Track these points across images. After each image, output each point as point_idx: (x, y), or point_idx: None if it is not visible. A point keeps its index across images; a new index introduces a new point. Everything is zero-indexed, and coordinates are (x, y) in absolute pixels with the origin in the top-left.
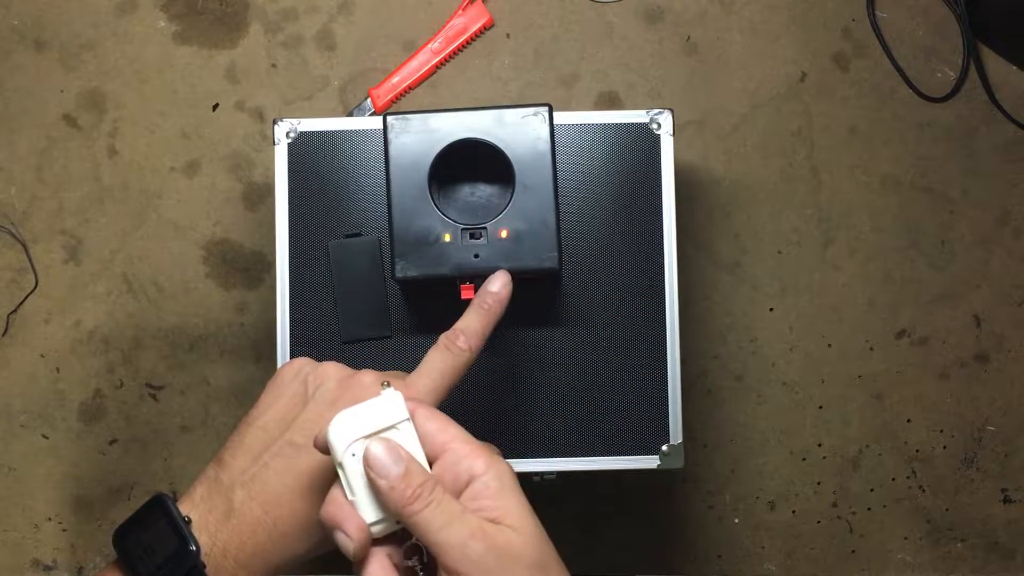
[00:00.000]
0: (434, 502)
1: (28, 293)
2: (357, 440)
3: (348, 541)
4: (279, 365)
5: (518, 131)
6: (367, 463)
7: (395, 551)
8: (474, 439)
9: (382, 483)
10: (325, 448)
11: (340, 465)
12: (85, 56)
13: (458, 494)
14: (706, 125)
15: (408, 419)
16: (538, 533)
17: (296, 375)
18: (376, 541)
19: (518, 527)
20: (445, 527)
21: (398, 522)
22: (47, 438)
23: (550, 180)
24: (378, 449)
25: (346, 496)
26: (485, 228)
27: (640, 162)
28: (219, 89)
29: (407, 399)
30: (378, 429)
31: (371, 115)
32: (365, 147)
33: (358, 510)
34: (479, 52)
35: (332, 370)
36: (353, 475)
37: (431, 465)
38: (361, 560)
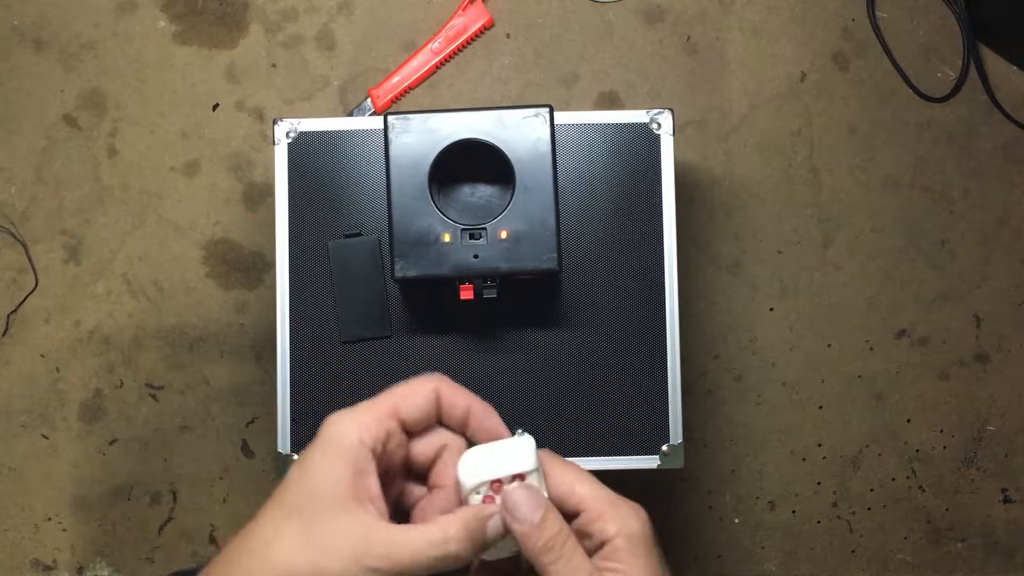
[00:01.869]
0: (564, 558)
1: (28, 293)
2: (484, 483)
3: None
4: (279, 365)
5: (519, 132)
6: (506, 506)
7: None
8: (607, 493)
9: (517, 527)
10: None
11: (464, 501)
12: (85, 56)
13: (591, 553)
14: (706, 125)
15: (538, 469)
16: None
17: None
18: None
19: None
20: None
21: (511, 552)
22: (47, 438)
23: (550, 181)
24: (520, 495)
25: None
26: (485, 228)
27: (640, 162)
28: (219, 89)
29: (540, 449)
30: (507, 474)
31: (371, 115)
32: (365, 147)
33: None
34: (479, 52)
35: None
36: None
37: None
38: None
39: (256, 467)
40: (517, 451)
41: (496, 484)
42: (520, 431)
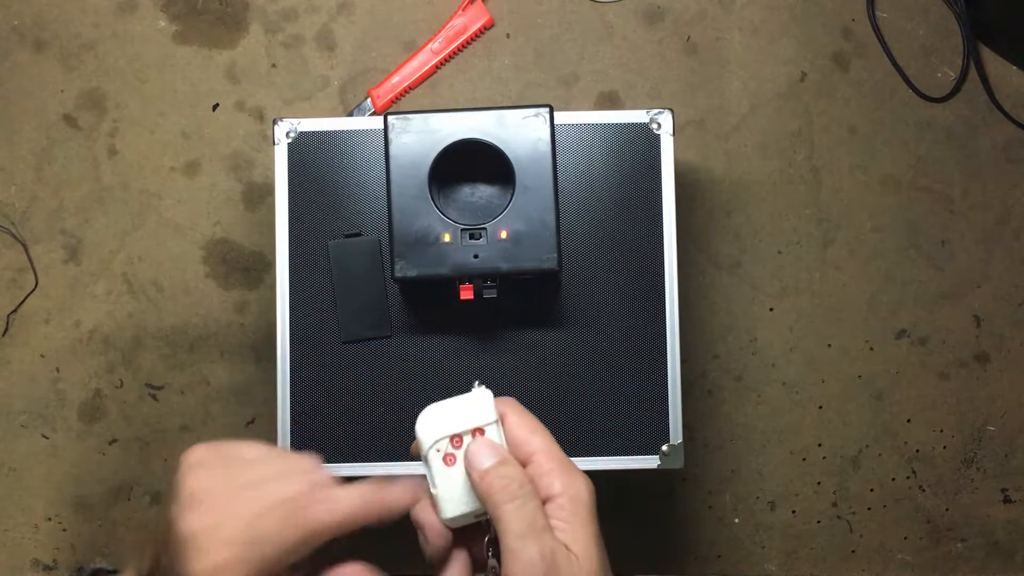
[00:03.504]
0: (520, 499)
1: (28, 293)
2: (443, 438)
3: (426, 544)
4: (279, 365)
5: (519, 132)
6: (466, 457)
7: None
8: (560, 453)
9: (474, 474)
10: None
11: (426, 459)
12: (85, 56)
13: None
14: (706, 125)
15: (496, 421)
16: (599, 569)
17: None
18: (458, 533)
19: (583, 559)
20: (522, 536)
21: (477, 516)
22: (47, 438)
23: (550, 181)
24: (478, 445)
25: (429, 489)
26: (485, 228)
27: (640, 162)
28: (219, 89)
29: (498, 400)
30: (466, 428)
31: (371, 115)
32: (365, 147)
33: (439, 504)
34: (479, 52)
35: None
36: (437, 469)
37: None
38: (438, 564)
39: None
40: (475, 405)
41: (456, 439)
42: (477, 383)
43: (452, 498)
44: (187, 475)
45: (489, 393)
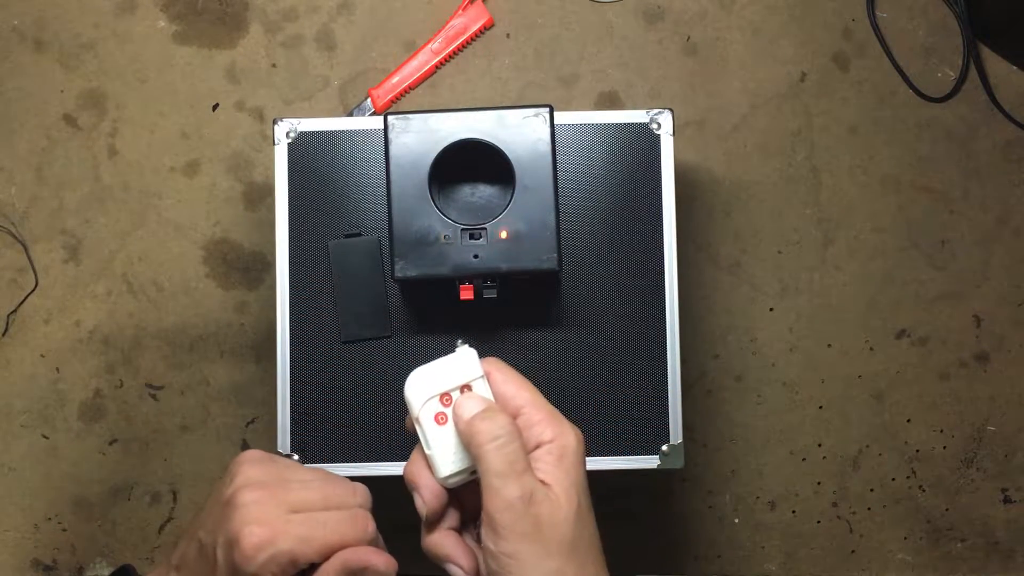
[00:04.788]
0: (502, 439)
1: (28, 293)
2: (432, 398)
3: (422, 505)
4: (279, 365)
5: (519, 132)
6: (455, 411)
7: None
8: (548, 405)
9: (462, 425)
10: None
11: (417, 421)
12: (85, 56)
13: None
14: (706, 125)
15: (482, 376)
16: (580, 514)
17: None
18: (453, 493)
19: (563, 502)
20: (502, 475)
21: (472, 473)
22: (47, 438)
23: (550, 181)
24: (465, 398)
25: (424, 450)
26: (485, 228)
27: (640, 162)
28: (219, 89)
29: (483, 360)
30: (453, 386)
31: (371, 115)
32: (365, 147)
33: (434, 463)
34: (479, 52)
35: (241, 468)
36: (428, 429)
37: None
38: (431, 523)
39: None
40: (460, 364)
41: (445, 398)
42: (460, 342)
43: (446, 456)
44: (241, 490)
45: (473, 351)
